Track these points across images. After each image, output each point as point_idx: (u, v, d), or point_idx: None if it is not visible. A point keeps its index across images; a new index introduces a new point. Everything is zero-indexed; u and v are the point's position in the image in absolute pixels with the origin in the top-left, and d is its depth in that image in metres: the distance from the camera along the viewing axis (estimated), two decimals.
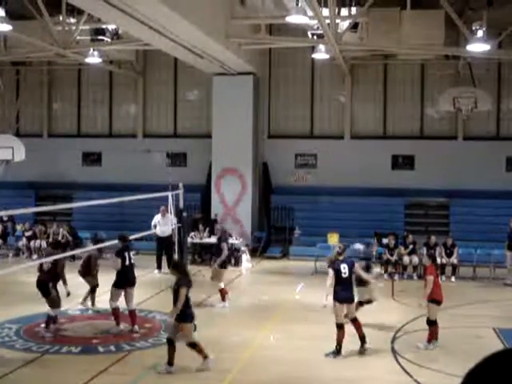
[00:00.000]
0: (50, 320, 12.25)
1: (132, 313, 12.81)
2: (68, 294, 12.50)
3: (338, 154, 24.93)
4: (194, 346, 10.16)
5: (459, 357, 11.04)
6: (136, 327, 12.80)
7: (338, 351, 11.04)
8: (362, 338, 11.29)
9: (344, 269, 11.21)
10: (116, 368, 10.42)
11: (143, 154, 26.09)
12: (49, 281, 12.21)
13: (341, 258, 11.36)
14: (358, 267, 11.81)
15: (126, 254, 12.94)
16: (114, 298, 12.77)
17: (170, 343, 10.14)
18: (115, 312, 12.71)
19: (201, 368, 10.12)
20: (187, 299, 10.21)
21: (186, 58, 20.69)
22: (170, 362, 10.10)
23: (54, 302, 12.23)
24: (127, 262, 12.87)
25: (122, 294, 12.79)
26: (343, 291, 11.15)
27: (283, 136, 25.53)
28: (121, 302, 12.88)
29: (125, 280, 12.82)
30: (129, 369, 10.43)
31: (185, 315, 10.15)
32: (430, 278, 11.53)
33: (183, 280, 10.28)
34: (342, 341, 11.06)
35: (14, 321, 13.13)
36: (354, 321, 11.32)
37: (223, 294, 15.58)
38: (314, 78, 25.44)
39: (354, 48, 20.88)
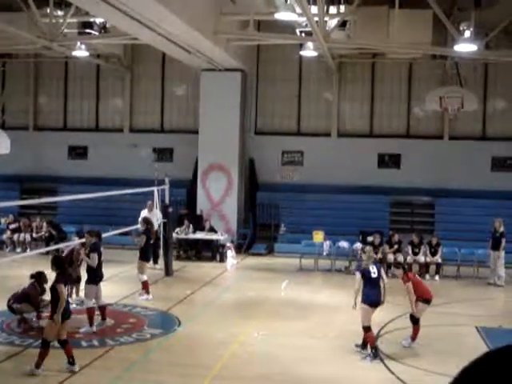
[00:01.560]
0: (22, 320, 12.33)
1: (103, 308, 12.78)
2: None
3: (324, 152, 24.96)
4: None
5: (442, 355, 11.11)
6: (106, 321, 12.77)
7: (374, 354, 10.87)
8: (365, 342, 11.24)
9: (373, 268, 11.24)
10: (100, 363, 10.39)
11: (129, 149, 26.01)
12: (12, 300, 12.18)
13: (370, 261, 11.44)
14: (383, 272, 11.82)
15: (102, 250, 12.92)
16: (89, 295, 12.57)
17: (46, 344, 9.77)
18: (90, 311, 12.47)
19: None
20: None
21: (174, 53, 20.63)
22: (38, 364, 9.63)
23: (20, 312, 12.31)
24: (102, 258, 12.84)
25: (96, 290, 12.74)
26: (373, 293, 11.07)
27: (270, 133, 25.52)
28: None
29: (98, 276, 12.76)
30: (112, 364, 10.40)
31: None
32: (408, 285, 11.56)
33: (61, 276, 9.94)
34: (374, 342, 11.01)
35: None
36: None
37: (147, 286, 15.42)
38: (302, 76, 25.45)
39: (342, 46, 20.91)
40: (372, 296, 11.07)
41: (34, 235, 22.54)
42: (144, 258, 15.69)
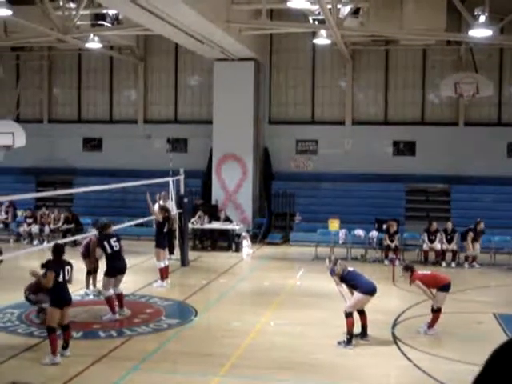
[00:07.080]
0: (40, 310, 12.36)
1: (119, 296, 12.88)
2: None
3: (339, 140, 24.89)
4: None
5: (459, 342, 11.09)
6: (125, 310, 12.86)
7: (348, 340, 10.90)
8: (365, 328, 11.31)
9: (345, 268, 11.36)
10: (117, 353, 10.46)
11: (144, 140, 26.08)
12: (29, 292, 12.14)
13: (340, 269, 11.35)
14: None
15: (106, 244, 12.83)
16: (105, 286, 12.75)
17: (51, 330, 9.84)
18: (109, 301, 12.65)
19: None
20: (60, 284, 9.96)
21: (186, 44, 20.62)
22: (54, 351, 9.76)
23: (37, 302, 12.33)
24: (109, 251, 12.79)
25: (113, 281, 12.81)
26: (364, 281, 11.19)
27: (284, 122, 25.46)
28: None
29: (113, 268, 12.80)
30: (130, 354, 10.46)
31: (53, 299, 10.01)
32: (417, 283, 11.52)
33: (53, 264, 10.09)
34: (353, 329, 10.97)
35: (15, 306, 13.17)
36: (362, 313, 11.31)
37: (162, 273, 15.60)
38: (315, 64, 25.34)
39: (356, 33, 20.78)
40: (366, 284, 11.12)
41: (52, 227, 22.68)
42: (159, 246, 15.84)
